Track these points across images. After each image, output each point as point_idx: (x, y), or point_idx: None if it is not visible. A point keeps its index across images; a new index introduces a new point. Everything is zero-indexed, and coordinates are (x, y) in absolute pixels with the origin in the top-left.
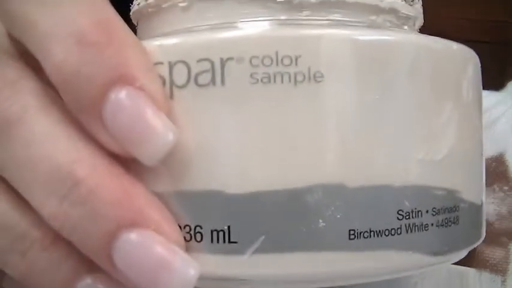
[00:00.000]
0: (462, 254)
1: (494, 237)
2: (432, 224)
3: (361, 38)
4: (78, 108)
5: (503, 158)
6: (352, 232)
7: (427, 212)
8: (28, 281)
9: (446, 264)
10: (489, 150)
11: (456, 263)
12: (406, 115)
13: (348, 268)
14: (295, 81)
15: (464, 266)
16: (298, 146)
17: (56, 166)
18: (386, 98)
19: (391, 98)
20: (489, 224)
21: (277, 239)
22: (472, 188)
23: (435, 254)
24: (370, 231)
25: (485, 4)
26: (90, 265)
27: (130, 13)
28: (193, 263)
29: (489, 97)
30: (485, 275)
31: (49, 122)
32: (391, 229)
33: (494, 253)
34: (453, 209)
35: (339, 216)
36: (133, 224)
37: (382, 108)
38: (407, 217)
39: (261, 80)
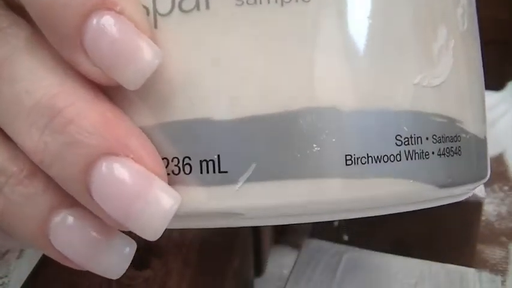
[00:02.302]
0: (467, 190)
1: (494, 237)
2: (433, 152)
3: None
4: (58, 40)
5: (503, 158)
6: (348, 157)
7: (427, 138)
8: (4, 218)
9: (449, 200)
10: (489, 150)
11: (456, 263)
12: (401, 37)
13: (345, 196)
14: (282, 1)
15: (464, 266)
16: (288, 68)
17: (37, 99)
18: (380, 19)
19: (385, 19)
20: (489, 224)
21: (270, 166)
22: (473, 119)
23: (438, 184)
24: (368, 157)
25: (485, 4)
26: (66, 200)
27: None
28: (174, 193)
29: (489, 97)
30: (485, 275)
31: (35, 61)
32: (390, 155)
33: (494, 253)
34: (454, 138)
35: (334, 140)
36: (111, 152)
37: (376, 29)
38: (406, 143)
39: (247, 2)
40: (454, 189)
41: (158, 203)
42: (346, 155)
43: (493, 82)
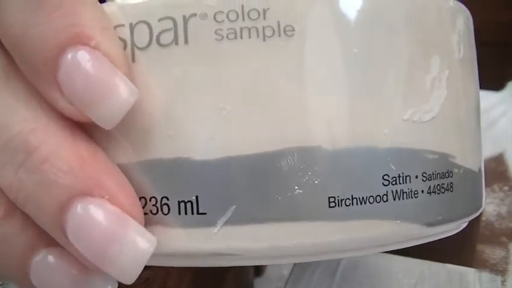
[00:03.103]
0: (458, 225)
1: (494, 237)
2: (423, 191)
3: None
4: (32, 73)
5: (503, 158)
6: (332, 199)
7: (416, 177)
8: None
9: (440, 236)
10: (489, 150)
11: (456, 263)
12: (390, 70)
13: (329, 239)
14: (264, 36)
15: (464, 266)
16: (270, 107)
17: (11, 136)
18: (367, 53)
19: (371, 53)
20: (489, 224)
21: (250, 208)
22: (467, 153)
23: (427, 224)
24: (353, 198)
25: (486, 4)
26: (46, 239)
27: None
28: (149, 236)
29: (489, 97)
30: (485, 275)
31: (9, 94)
32: (376, 196)
33: (494, 253)
34: (446, 174)
35: (316, 182)
36: (86, 192)
37: (362, 65)
38: (393, 183)
39: (227, 37)
40: (443, 226)
41: (133, 247)
42: (329, 197)
43: (493, 82)
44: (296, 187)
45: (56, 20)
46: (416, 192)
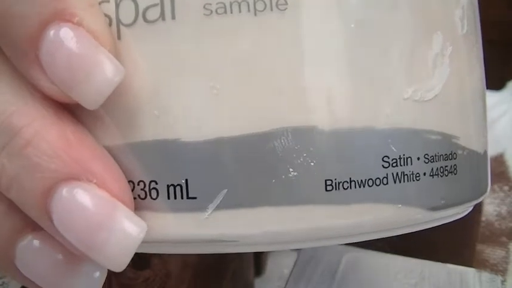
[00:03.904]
0: (462, 210)
1: (494, 237)
2: (425, 173)
3: None
4: (13, 52)
5: (503, 158)
6: (329, 182)
7: (418, 159)
8: None
9: (443, 221)
10: (489, 150)
11: (456, 263)
12: (390, 47)
13: (326, 225)
14: (255, 10)
15: (464, 266)
16: (262, 84)
17: None
18: (365, 28)
19: (371, 28)
20: (489, 224)
21: (242, 192)
22: (472, 133)
23: (429, 208)
24: (351, 181)
25: (486, 4)
26: (31, 223)
27: None
28: (139, 222)
29: (489, 97)
30: (485, 275)
31: None
32: (376, 178)
33: (494, 253)
34: (449, 156)
35: (312, 164)
36: (72, 177)
37: (360, 40)
38: (394, 164)
39: (216, 11)
40: (447, 211)
41: (122, 233)
42: (326, 180)
43: (493, 82)
44: (291, 169)
45: None
46: (418, 174)
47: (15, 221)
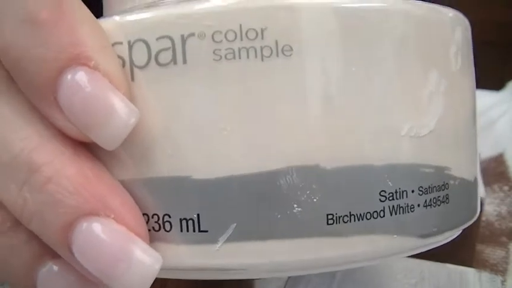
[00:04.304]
0: (453, 234)
1: (494, 237)
2: (419, 205)
3: (335, 5)
4: (32, 94)
5: (503, 158)
6: (330, 217)
7: (412, 191)
8: None
9: (434, 245)
10: (489, 150)
11: (456, 263)
12: (387, 89)
13: (327, 255)
14: (262, 56)
15: (464, 266)
16: (269, 127)
17: (15, 153)
18: (363, 71)
19: (369, 71)
20: (489, 224)
21: (250, 226)
22: (463, 163)
23: (423, 236)
24: (350, 215)
25: (486, 4)
26: (52, 250)
27: None
28: (155, 254)
29: (489, 97)
30: (485, 275)
31: (11, 110)
32: (373, 212)
33: (494, 253)
34: (442, 187)
35: (315, 200)
36: (92, 212)
37: (360, 82)
38: (390, 198)
39: (225, 57)
40: (439, 237)
41: (140, 265)
42: (327, 214)
43: (493, 82)
44: (295, 205)
45: (54, 40)
46: (412, 206)
47: (36, 248)
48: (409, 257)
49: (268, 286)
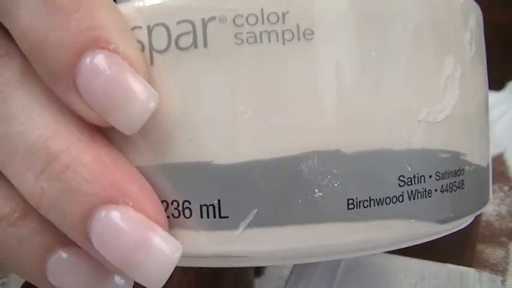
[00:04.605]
0: (467, 220)
1: (494, 237)
2: (436, 190)
3: None
4: (50, 78)
5: (503, 158)
6: (350, 201)
7: (430, 176)
8: (0, 256)
9: (449, 232)
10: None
11: (456, 263)
12: (405, 74)
13: (348, 240)
14: (284, 39)
15: (464, 266)
16: (290, 111)
17: (31, 142)
18: (383, 55)
19: (388, 55)
20: (489, 224)
21: (271, 211)
22: (477, 149)
23: (440, 221)
24: (370, 200)
25: (486, 5)
26: (62, 239)
27: None
28: (174, 242)
29: (489, 97)
30: (485, 275)
31: (27, 98)
32: (393, 197)
33: (494, 253)
34: (458, 172)
35: (336, 184)
36: (110, 200)
37: (379, 67)
38: (409, 183)
39: (247, 40)
40: (455, 223)
41: (160, 253)
42: (348, 199)
43: (493, 82)
44: (316, 190)
45: (73, 23)
46: (430, 191)
47: (46, 236)
48: (409, 257)
49: (269, 285)
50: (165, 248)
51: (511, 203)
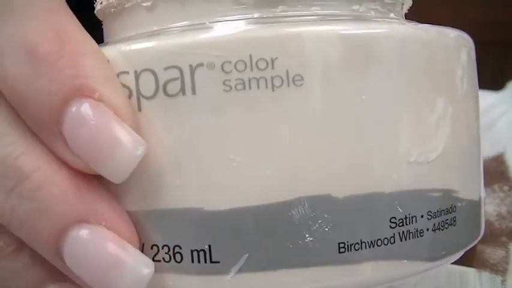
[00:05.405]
0: (460, 253)
1: (494, 237)
2: (428, 229)
3: (342, 32)
4: (36, 127)
5: (503, 158)
6: (342, 245)
7: (422, 216)
8: None
9: (439, 266)
10: (489, 150)
11: (456, 263)
12: (397, 117)
13: (339, 282)
14: (273, 86)
15: (464, 266)
16: (280, 157)
17: (1, 159)
18: (374, 100)
19: (379, 100)
20: (489, 224)
21: (262, 256)
22: (469, 184)
23: (431, 259)
24: (361, 243)
25: (486, 4)
26: (54, 274)
27: (95, 11)
28: (146, 260)
29: (489, 97)
30: (485, 275)
31: None
32: (384, 238)
33: (494, 253)
34: (450, 210)
35: (327, 229)
36: (83, 220)
37: (371, 111)
38: (400, 224)
39: (235, 87)
40: (446, 259)
41: (133, 271)
42: (339, 243)
43: (493, 82)
44: (307, 235)
45: (56, 72)
46: (422, 231)
47: (39, 273)
48: None
49: None
50: (138, 266)
51: (511, 203)
